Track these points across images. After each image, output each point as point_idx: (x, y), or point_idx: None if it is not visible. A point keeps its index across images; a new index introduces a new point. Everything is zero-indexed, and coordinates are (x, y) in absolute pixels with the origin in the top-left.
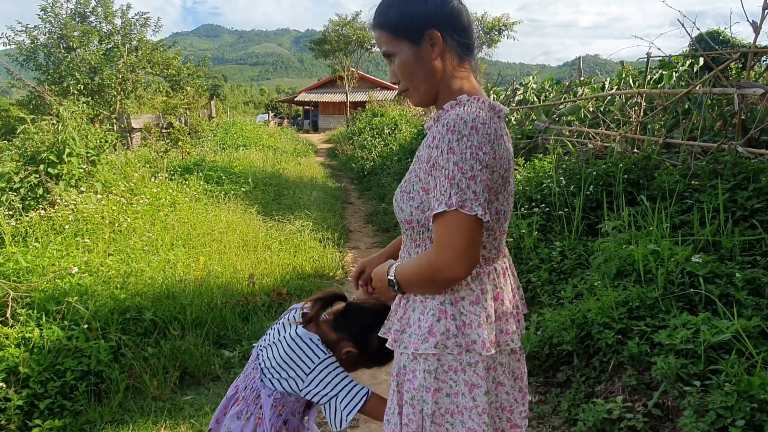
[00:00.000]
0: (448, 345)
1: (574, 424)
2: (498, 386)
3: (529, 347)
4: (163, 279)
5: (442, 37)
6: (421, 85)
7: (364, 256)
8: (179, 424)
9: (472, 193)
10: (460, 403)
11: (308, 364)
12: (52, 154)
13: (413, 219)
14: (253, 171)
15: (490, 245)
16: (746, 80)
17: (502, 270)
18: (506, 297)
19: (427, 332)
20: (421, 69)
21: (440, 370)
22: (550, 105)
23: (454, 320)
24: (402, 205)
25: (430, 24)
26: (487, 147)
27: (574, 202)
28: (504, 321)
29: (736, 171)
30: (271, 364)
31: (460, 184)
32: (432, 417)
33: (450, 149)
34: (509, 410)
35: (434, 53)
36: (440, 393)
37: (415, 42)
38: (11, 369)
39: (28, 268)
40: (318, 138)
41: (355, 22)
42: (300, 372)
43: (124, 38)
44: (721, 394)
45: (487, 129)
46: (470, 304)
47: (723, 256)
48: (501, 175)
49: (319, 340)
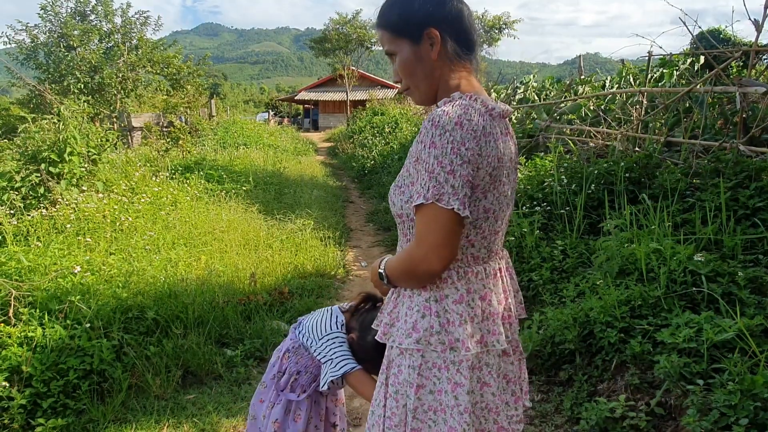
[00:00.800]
0: (431, 342)
1: (576, 422)
2: (483, 386)
3: (531, 346)
4: (165, 278)
5: (441, 36)
6: (422, 84)
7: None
8: (182, 423)
9: (450, 187)
10: (442, 400)
11: (324, 330)
12: (53, 153)
13: (403, 213)
14: (253, 170)
15: (479, 244)
16: (748, 79)
17: (493, 271)
18: (495, 298)
19: (411, 328)
20: (421, 67)
21: (424, 366)
22: (550, 104)
23: (437, 317)
24: (394, 199)
25: (429, 23)
26: (471, 143)
27: (576, 200)
28: (491, 322)
29: (738, 169)
30: (306, 323)
31: (439, 177)
32: (414, 413)
33: (432, 143)
34: (495, 412)
35: (433, 52)
36: (423, 389)
37: (415, 41)
38: (14, 368)
39: (30, 267)
40: (318, 137)
41: (355, 21)
42: (316, 334)
43: (124, 37)
44: (724, 392)
45: (473, 125)
46: (453, 302)
47: (725, 254)
48: (489, 173)
49: (342, 322)
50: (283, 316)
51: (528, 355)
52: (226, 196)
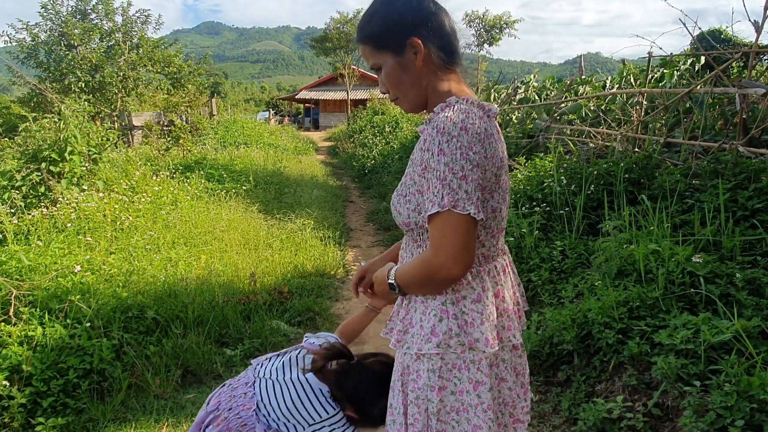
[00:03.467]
0: (451, 344)
1: (574, 423)
2: (501, 382)
3: (529, 346)
4: (165, 277)
5: (423, 44)
6: (410, 92)
7: (365, 254)
8: (181, 423)
9: (464, 193)
10: (465, 400)
11: (314, 417)
12: (53, 152)
13: (411, 221)
14: (254, 169)
15: (489, 243)
16: (747, 80)
17: (501, 267)
18: (507, 294)
19: (429, 332)
20: (408, 77)
21: (444, 368)
22: (551, 103)
23: (456, 319)
24: (399, 209)
25: (410, 33)
26: (477, 146)
27: (575, 201)
28: (506, 318)
29: (737, 171)
30: (274, 407)
31: (452, 184)
32: (438, 415)
33: (440, 151)
34: (512, 405)
35: (417, 60)
36: (445, 391)
37: (398, 52)
38: (14, 367)
39: (31, 266)
40: (319, 136)
41: (356, 20)
42: (304, 421)
43: (125, 36)
44: (721, 394)
45: (476, 129)
46: (472, 302)
47: (723, 256)
48: (494, 173)
49: (329, 393)
50: (282, 316)
51: (527, 354)
52: (226, 196)
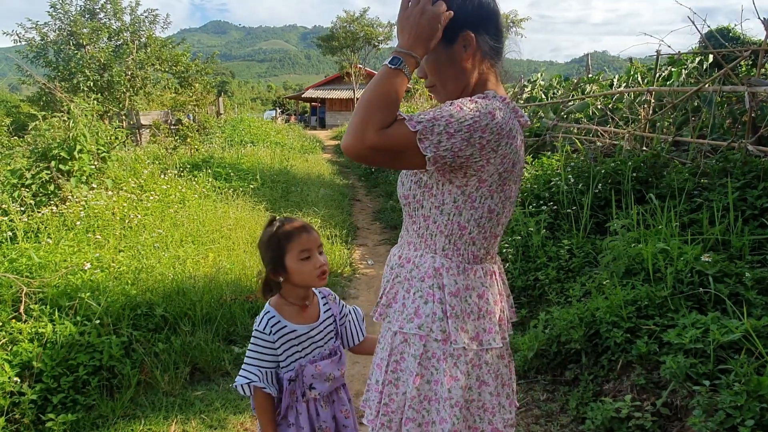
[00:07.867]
0: (433, 329)
1: (582, 422)
2: (482, 385)
3: (537, 345)
4: (173, 275)
5: (476, 40)
6: (449, 84)
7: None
8: (190, 419)
9: (436, 136)
10: (437, 391)
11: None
12: (63, 151)
13: (410, 194)
14: (261, 168)
15: (480, 243)
16: (756, 78)
17: (489, 272)
18: (491, 297)
19: (413, 313)
20: (452, 68)
21: (425, 356)
22: (558, 102)
23: (441, 304)
24: (404, 179)
25: (466, 26)
26: (489, 135)
27: (583, 200)
28: (487, 320)
29: (746, 169)
30: None
31: (437, 125)
32: (411, 401)
33: (460, 107)
34: (491, 412)
35: (466, 54)
36: (422, 379)
37: (449, 42)
38: (25, 364)
39: (41, 263)
40: (325, 135)
41: (362, 19)
42: None
43: (133, 35)
44: (731, 393)
45: (502, 122)
46: (449, 294)
47: (732, 255)
48: (499, 172)
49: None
50: None
51: (533, 354)
52: (233, 194)
